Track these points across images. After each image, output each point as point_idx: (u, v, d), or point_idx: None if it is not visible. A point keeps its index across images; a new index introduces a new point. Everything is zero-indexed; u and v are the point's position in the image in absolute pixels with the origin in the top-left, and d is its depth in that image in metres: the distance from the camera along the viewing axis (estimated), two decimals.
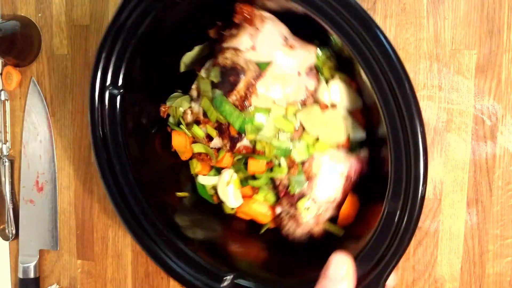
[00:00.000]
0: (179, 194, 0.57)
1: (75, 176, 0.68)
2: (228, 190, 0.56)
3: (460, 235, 0.56)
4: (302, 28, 0.51)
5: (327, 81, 0.54)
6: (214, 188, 0.58)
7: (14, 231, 0.69)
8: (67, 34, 0.67)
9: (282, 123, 0.51)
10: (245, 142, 0.52)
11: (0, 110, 0.69)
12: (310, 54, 0.52)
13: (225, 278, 0.48)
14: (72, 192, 0.68)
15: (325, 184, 0.52)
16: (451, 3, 0.55)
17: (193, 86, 0.54)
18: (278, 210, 0.56)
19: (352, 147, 0.54)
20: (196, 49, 0.55)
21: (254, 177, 0.56)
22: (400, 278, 0.58)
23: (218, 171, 0.58)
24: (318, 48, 0.53)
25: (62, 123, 0.68)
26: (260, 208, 0.57)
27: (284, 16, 0.51)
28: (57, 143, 0.68)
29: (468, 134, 0.55)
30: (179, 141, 0.56)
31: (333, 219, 0.55)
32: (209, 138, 0.53)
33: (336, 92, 0.53)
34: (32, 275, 0.68)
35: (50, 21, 0.67)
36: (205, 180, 0.58)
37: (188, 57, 0.55)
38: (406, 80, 0.41)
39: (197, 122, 0.54)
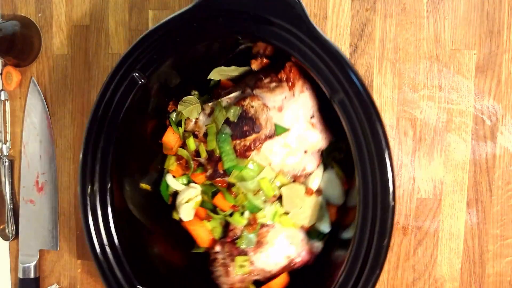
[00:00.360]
0: (143, 185, 0.57)
1: (75, 176, 0.68)
2: (185, 205, 0.57)
3: (460, 235, 0.56)
4: (328, 113, 0.50)
5: (325, 169, 0.55)
6: (176, 192, 0.59)
7: (14, 231, 0.69)
8: (67, 34, 0.67)
9: (266, 186, 0.52)
10: (226, 179, 0.53)
11: (0, 110, 0.69)
12: (326, 140, 0.52)
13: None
14: (72, 192, 0.68)
15: (270, 256, 0.54)
16: (451, 3, 0.55)
17: (210, 104, 0.54)
18: (217, 249, 0.56)
19: (312, 234, 0.55)
20: (233, 68, 0.55)
21: (215, 208, 0.57)
22: (400, 278, 0.58)
23: (188, 180, 0.58)
24: (334, 137, 0.53)
25: (62, 123, 0.68)
26: (203, 235, 0.58)
27: (319, 93, 0.50)
28: (57, 143, 0.68)
29: (468, 134, 0.55)
30: (170, 139, 0.57)
31: (258, 283, 0.56)
32: (197, 154, 0.54)
33: (327, 181, 0.54)
34: (32, 275, 0.68)
35: (50, 21, 0.67)
36: (173, 182, 0.58)
37: (221, 70, 0.55)
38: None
39: (194, 134, 0.54)
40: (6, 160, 0.69)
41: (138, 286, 0.50)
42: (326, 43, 0.42)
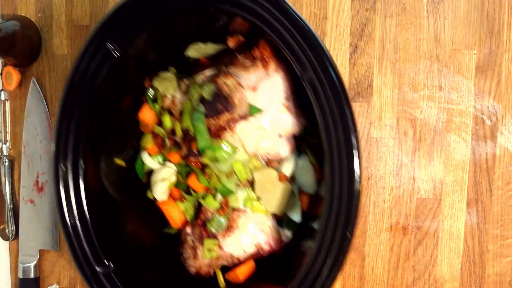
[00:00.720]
0: (117, 161, 0.57)
1: None
2: (160, 184, 0.57)
3: (460, 235, 0.56)
4: (303, 98, 0.50)
5: (299, 156, 0.55)
6: (151, 171, 0.59)
7: (14, 231, 0.69)
8: (67, 34, 0.67)
9: (239, 168, 0.52)
10: (199, 159, 0.53)
11: (0, 110, 0.69)
12: (300, 124, 0.52)
13: (107, 263, 0.50)
14: None
15: (239, 242, 0.54)
16: (451, 3, 0.55)
17: (186, 82, 0.54)
18: (188, 231, 0.57)
19: (283, 223, 0.56)
20: (210, 45, 0.55)
21: (188, 189, 0.57)
22: (400, 278, 0.58)
23: (164, 159, 0.58)
24: (308, 123, 0.53)
25: None
26: (176, 215, 0.58)
27: (296, 80, 0.50)
28: None
29: (468, 134, 0.55)
30: (146, 115, 0.57)
31: (225, 269, 0.56)
32: (173, 132, 0.54)
33: (300, 169, 0.54)
34: (32, 275, 0.68)
35: (50, 21, 0.67)
36: (149, 161, 0.58)
37: (198, 47, 0.55)
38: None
39: (170, 112, 0.54)
40: (6, 160, 0.69)
41: (105, 262, 0.50)
42: (298, 21, 0.42)
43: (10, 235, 0.69)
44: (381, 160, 0.57)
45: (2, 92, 0.69)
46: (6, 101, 0.69)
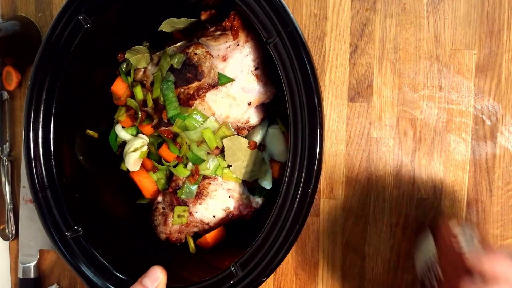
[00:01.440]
0: (90, 132, 0.57)
1: None
2: (132, 154, 0.57)
3: None
4: (273, 67, 0.50)
5: (269, 125, 0.55)
6: (124, 143, 0.59)
7: (14, 231, 0.69)
8: None
9: (209, 137, 0.52)
10: (170, 128, 0.53)
11: (0, 110, 0.69)
12: (269, 93, 0.52)
13: (76, 228, 0.51)
14: None
15: (208, 208, 0.55)
16: (451, 3, 0.55)
17: (158, 53, 0.54)
18: (159, 199, 0.57)
19: (255, 190, 0.56)
20: (183, 19, 0.56)
21: (160, 159, 0.58)
22: (400, 278, 0.58)
23: (137, 132, 0.59)
24: (279, 93, 0.53)
25: None
26: (148, 185, 0.59)
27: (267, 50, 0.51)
28: None
29: (468, 134, 0.55)
30: (119, 88, 0.57)
31: (196, 236, 0.57)
32: (144, 103, 0.54)
33: (271, 137, 0.55)
34: (32, 275, 0.68)
35: (50, 21, 0.67)
36: (122, 133, 0.59)
37: (172, 21, 0.55)
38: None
39: (142, 84, 0.54)
40: (6, 160, 0.69)
41: (74, 227, 0.51)
42: None
43: (10, 235, 0.69)
44: (381, 160, 0.57)
45: (2, 92, 0.69)
46: (6, 101, 0.69)
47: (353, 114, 0.57)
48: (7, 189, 0.69)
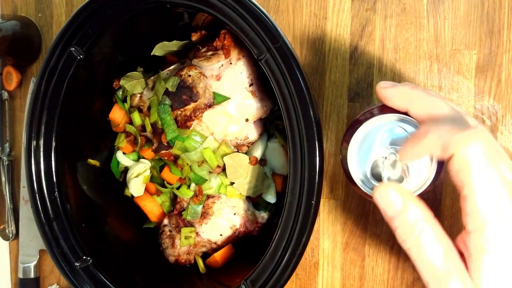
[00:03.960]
0: (91, 161, 0.58)
1: None
2: (135, 179, 0.58)
3: None
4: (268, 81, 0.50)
5: (268, 139, 0.56)
6: (126, 169, 0.60)
7: (14, 231, 0.69)
8: None
9: (209, 156, 0.52)
10: (170, 151, 0.53)
11: (0, 110, 0.69)
12: (266, 108, 0.53)
13: (85, 258, 0.51)
14: None
15: (214, 227, 0.55)
16: (451, 3, 0.55)
17: (152, 78, 0.54)
18: (165, 222, 0.58)
19: (259, 205, 0.57)
20: (174, 42, 0.56)
21: (163, 182, 0.58)
22: (400, 278, 0.58)
23: (138, 157, 0.59)
24: (275, 106, 0.54)
25: None
26: (154, 209, 0.59)
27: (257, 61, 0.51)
28: None
29: None
30: (117, 115, 0.58)
31: (204, 255, 0.57)
32: (143, 128, 0.55)
33: (271, 151, 0.55)
34: (32, 275, 0.68)
35: (50, 21, 0.67)
36: (123, 159, 0.59)
37: (164, 45, 0.56)
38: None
39: (139, 109, 0.55)
40: (6, 160, 0.69)
41: (83, 257, 0.50)
42: (247, 4, 0.43)
43: (10, 235, 0.69)
44: None
45: (2, 92, 0.69)
46: (6, 101, 0.69)
47: (353, 114, 0.57)
48: (7, 189, 0.69)
